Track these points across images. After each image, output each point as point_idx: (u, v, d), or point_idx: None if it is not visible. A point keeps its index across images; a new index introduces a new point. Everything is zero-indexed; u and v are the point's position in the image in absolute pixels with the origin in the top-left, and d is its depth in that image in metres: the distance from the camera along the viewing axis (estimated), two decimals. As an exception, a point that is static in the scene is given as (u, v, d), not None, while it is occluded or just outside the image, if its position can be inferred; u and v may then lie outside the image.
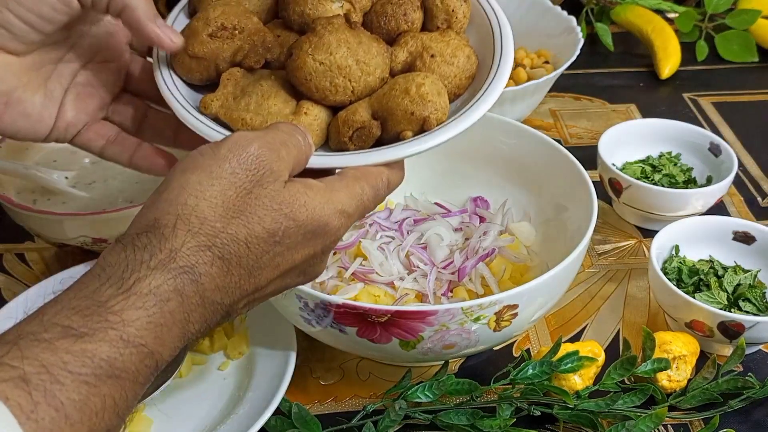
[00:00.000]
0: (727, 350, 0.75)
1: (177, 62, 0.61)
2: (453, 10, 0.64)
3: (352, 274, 0.74)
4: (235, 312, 0.51)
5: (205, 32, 0.60)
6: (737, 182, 0.99)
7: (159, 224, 0.47)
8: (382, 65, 0.60)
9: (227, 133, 0.57)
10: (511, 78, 1.03)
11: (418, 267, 0.76)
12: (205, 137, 0.57)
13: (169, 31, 0.59)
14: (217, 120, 0.59)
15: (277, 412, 0.67)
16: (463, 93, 0.63)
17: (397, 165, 0.57)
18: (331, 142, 0.60)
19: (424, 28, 0.64)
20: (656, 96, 1.18)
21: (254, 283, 0.50)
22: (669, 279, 0.77)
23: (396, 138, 0.58)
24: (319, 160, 0.57)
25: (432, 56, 0.61)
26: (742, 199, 0.98)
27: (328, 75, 0.58)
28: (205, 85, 0.63)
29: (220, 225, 0.47)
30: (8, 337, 0.40)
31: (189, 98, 0.61)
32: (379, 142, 0.59)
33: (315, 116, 0.59)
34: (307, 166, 0.56)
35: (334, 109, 0.60)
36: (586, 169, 0.77)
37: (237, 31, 0.61)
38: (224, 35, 0.61)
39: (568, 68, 1.02)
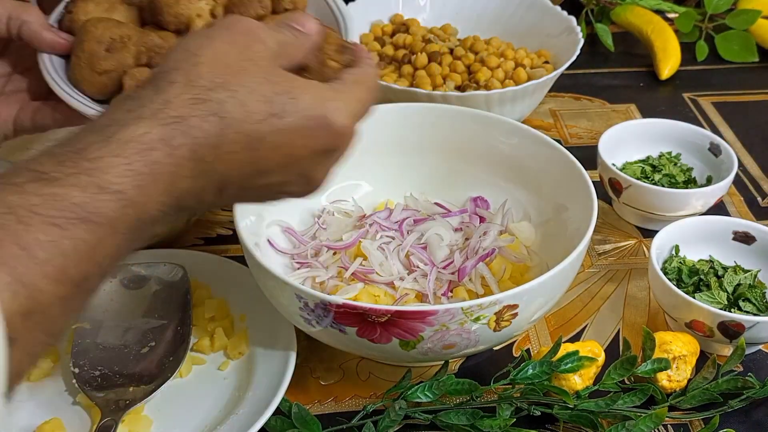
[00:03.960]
0: (727, 350, 0.75)
1: (87, 82, 0.68)
2: None
3: (352, 274, 0.74)
4: (229, 190, 0.48)
5: (102, 49, 0.68)
6: (737, 182, 0.99)
7: (156, 78, 0.46)
8: None
9: None
10: (511, 78, 1.04)
11: (418, 267, 0.76)
12: None
13: (63, 34, 0.69)
14: None
15: (277, 412, 0.67)
16: None
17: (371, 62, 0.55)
18: None
19: (273, 10, 0.73)
20: (656, 96, 1.18)
21: (254, 158, 0.47)
22: (669, 279, 0.77)
23: None
24: None
25: None
26: (742, 199, 0.98)
27: None
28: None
29: (219, 80, 0.46)
30: None
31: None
32: None
33: None
34: None
35: None
36: (586, 169, 0.77)
37: (126, 39, 0.68)
38: (119, 46, 0.68)
39: (568, 68, 1.02)
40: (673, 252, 0.81)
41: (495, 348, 0.76)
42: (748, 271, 0.79)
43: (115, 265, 0.43)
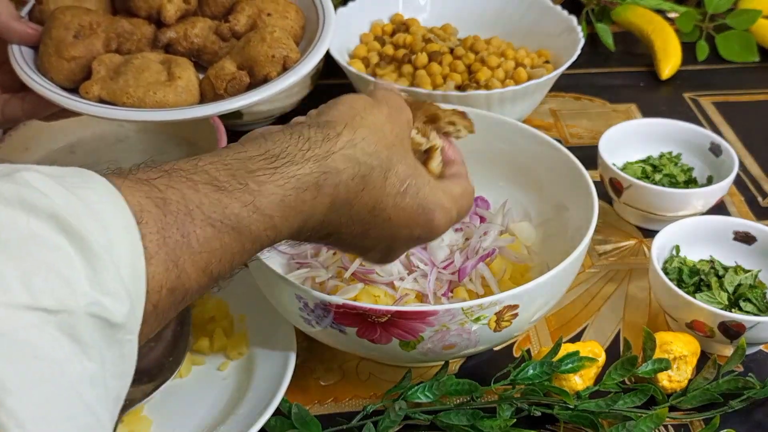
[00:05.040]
0: (728, 350, 0.75)
1: (55, 70, 0.68)
2: None
3: (352, 274, 0.74)
4: (332, 238, 0.55)
5: (70, 36, 0.67)
6: (738, 182, 0.99)
7: (329, 125, 0.52)
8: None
9: (116, 108, 0.66)
10: (511, 78, 1.04)
11: (418, 267, 0.76)
12: (99, 116, 0.66)
13: (33, 25, 0.69)
14: (101, 101, 0.67)
15: (277, 412, 0.67)
16: (300, 41, 0.74)
17: (465, 177, 0.63)
18: (207, 99, 0.68)
19: None
20: (657, 96, 1.18)
21: (368, 222, 0.54)
22: (669, 279, 0.77)
23: (264, 81, 0.67)
24: (215, 107, 0.66)
25: (269, 14, 0.72)
26: (742, 198, 0.97)
27: None
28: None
29: (373, 149, 0.53)
30: (165, 167, 0.45)
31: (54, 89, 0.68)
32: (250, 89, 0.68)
33: (188, 79, 0.67)
34: (211, 113, 0.66)
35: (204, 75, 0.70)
36: (586, 168, 0.77)
37: (95, 26, 0.68)
38: (88, 33, 0.68)
39: (569, 68, 1.02)
40: (674, 252, 0.81)
41: (495, 348, 0.76)
42: (749, 271, 0.79)
43: (234, 274, 0.49)
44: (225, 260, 0.46)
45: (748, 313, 0.75)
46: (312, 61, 0.69)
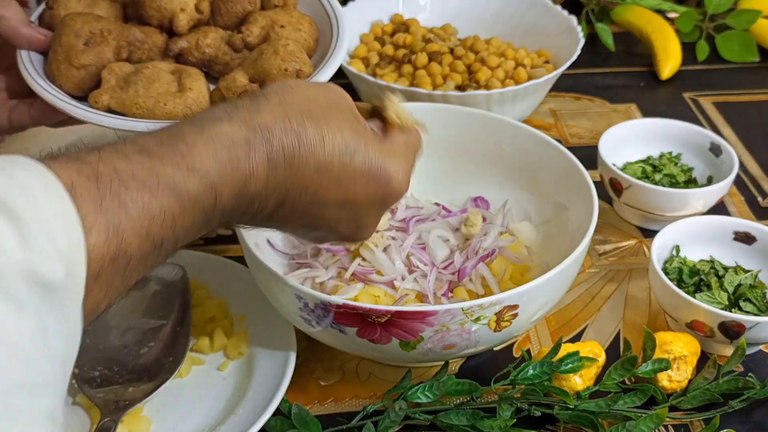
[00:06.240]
0: (728, 350, 0.75)
1: (63, 77, 0.67)
2: None
3: (352, 274, 0.74)
4: (286, 206, 0.53)
5: (80, 43, 0.67)
6: (738, 182, 0.99)
7: (258, 93, 0.53)
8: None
9: (126, 119, 0.65)
10: (511, 78, 1.04)
11: (418, 267, 0.76)
12: (107, 126, 0.65)
13: (42, 30, 0.69)
14: (110, 110, 0.66)
15: (277, 412, 0.67)
16: (314, 53, 0.73)
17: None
18: None
19: (263, 8, 0.74)
20: (657, 96, 1.18)
21: (317, 184, 0.52)
22: (669, 279, 0.77)
23: None
24: None
25: (282, 26, 0.71)
26: (742, 198, 0.97)
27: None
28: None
29: (307, 110, 0.52)
30: (96, 144, 0.46)
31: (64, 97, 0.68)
32: None
33: (199, 90, 0.66)
34: None
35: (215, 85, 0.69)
36: (586, 169, 0.77)
37: (106, 33, 0.67)
38: (98, 40, 0.67)
39: (569, 68, 1.02)
40: (674, 252, 0.81)
41: (495, 348, 0.76)
42: (749, 271, 0.79)
43: (182, 244, 0.49)
44: (167, 224, 0.45)
45: (748, 313, 0.75)
46: (325, 75, 0.68)
